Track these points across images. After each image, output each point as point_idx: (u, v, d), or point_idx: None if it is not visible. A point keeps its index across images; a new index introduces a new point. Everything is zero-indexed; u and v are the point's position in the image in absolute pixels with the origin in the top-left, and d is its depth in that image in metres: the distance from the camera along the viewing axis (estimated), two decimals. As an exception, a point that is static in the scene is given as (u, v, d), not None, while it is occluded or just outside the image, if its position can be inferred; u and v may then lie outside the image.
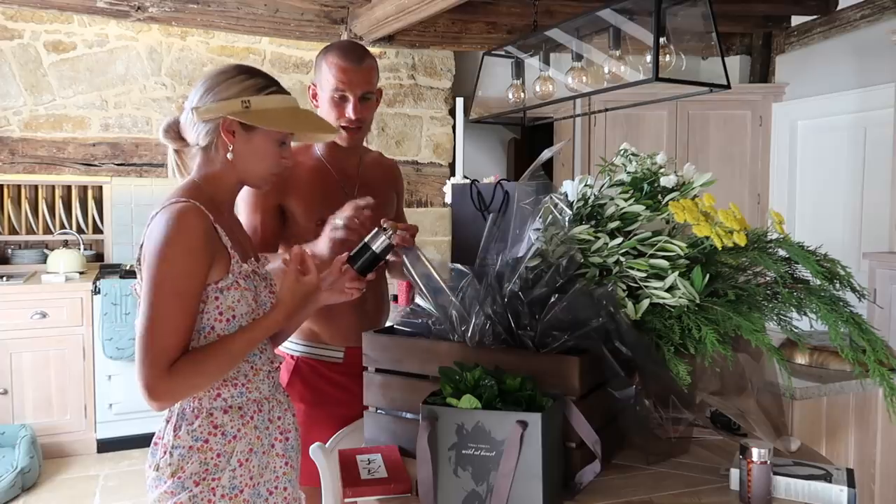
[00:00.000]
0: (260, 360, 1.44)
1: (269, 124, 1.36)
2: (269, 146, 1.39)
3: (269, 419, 1.45)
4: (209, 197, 1.38)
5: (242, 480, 1.38)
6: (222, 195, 1.42)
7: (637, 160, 1.74)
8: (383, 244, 1.52)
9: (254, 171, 1.41)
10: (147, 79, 4.47)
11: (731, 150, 5.05)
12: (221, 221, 1.38)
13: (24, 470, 3.49)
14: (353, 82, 1.83)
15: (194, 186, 1.39)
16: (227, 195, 1.44)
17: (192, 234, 1.29)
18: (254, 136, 1.38)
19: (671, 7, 2.48)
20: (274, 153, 1.40)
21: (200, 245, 1.29)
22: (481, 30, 4.81)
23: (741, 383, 1.57)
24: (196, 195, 1.36)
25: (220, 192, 1.42)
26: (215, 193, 1.40)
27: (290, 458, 1.49)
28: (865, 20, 4.38)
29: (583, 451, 1.36)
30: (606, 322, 1.37)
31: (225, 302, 1.34)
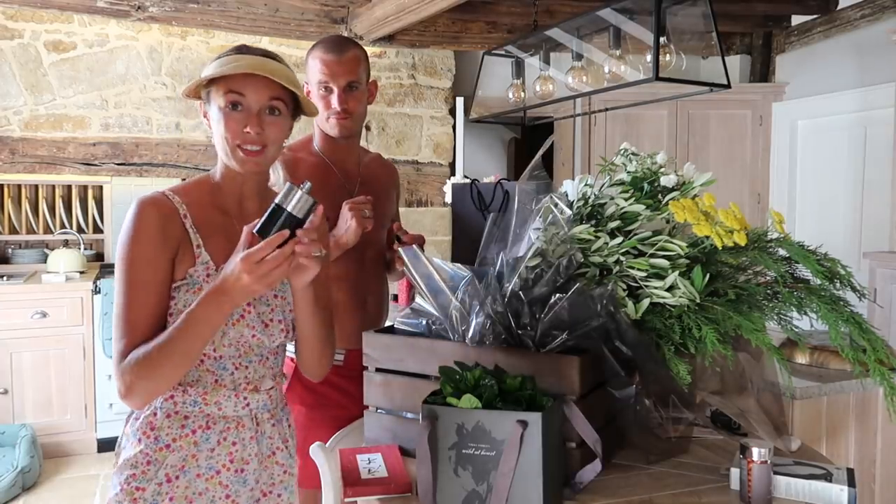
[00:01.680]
0: (230, 376, 1.30)
1: (194, 82, 1.27)
2: (218, 111, 1.26)
3: (219, 441, 1.30)
4: (213, 189, 1.34)
5: (165, 502, 1.25)
6: (227, 185, 1.34)
7: (637, 160, 1.74)
8: (301, 202, 1.17)
9: (219, 145, 1.29)
10: (147, 78, 4.47)
11: (732, 150, 5.05)
12: (205, 216, 1.30)
13: (24, 469, 3.49)
14: (335, 73, 1.85)
15: (200, 178, 1.37)
16: (231, 184, 1.34)
17: (144, 223, 1.23)
18: (211, 103, 1.28)
19: (671, 6, 2.48)
20: (226, 118, 1.25)
21: (153, 234, 1.23)
22: (481, 29, 4.80)
23: (741, 383, 1.57)
24: (189, 187, 1.33)
25: (225, 180, 1.34)
26: (223, 184, 1.34)
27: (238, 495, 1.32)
28: (866, 20, 4.38)
29: (583, 451, 1.36)
30: (607, 321, 1.37)
31: (177, 305, 1.25)
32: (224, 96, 1.25)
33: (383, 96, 4.97)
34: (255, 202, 1.36)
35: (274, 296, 1.34)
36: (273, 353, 1.37)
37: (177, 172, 4.51)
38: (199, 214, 1.29)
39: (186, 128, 4.55)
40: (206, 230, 1.29)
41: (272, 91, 1.27)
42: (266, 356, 1.35)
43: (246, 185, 1.35)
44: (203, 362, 1.29)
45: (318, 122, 1.94)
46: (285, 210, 1.16)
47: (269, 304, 1.33)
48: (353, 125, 1.93)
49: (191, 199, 1.30)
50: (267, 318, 1.32)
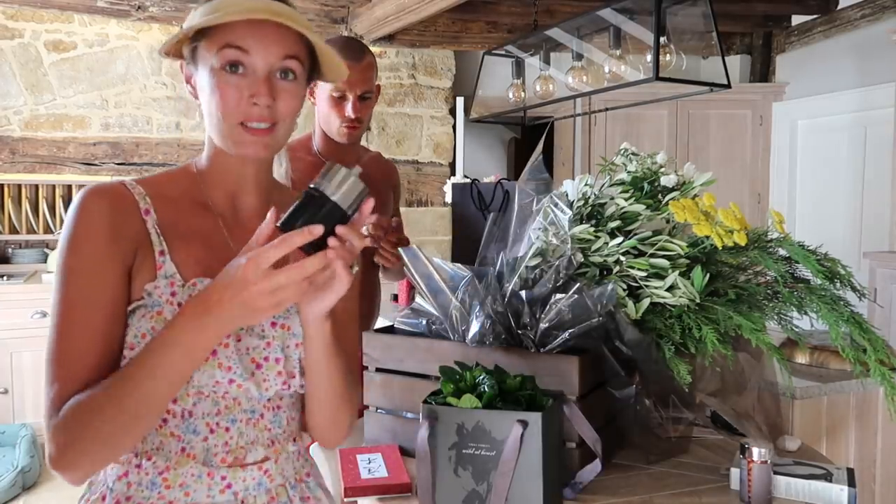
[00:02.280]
0: (202, 443, 0.92)
1: (176, 34, 0.93)
2: (210, 74, 0.92)
3: None
4: (194, 180, 1.00)
5: None
6: (217, 174, 1.00)
7: (637, 159, 1.74)
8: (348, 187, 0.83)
9: (210, 121, 0.95)
10: (147, 78, 4.47)
11: (732, 150, 5.05)
12: (176, 213, 0.96)
13: (24, 469, 3.49)
14: (352, 82, 1.83)
15: (178, 168, 1.04)
16: (222, 173, 1.00)
17: (87, 219, 0.89)
18: (199, 63, 0.94)
19: (671, 6, 2.48)
20: (221, 84, 0.91)
21: (99, 234, 0.89)
22: (481, 29, 4.81)
23: (741, 383, 1.57)
24: (160, 177, 1.01)
25: (214, 168, 1.00)
26: (210, 173, 1.00)
27: None
28: (866, 19, 4.38)
29: (583, 451, 1.36)
30: (607, 321, 1.37)
31: (132, 330, 0.90)
32: (218, 53, 0.89)
33: (383, 96, 4.97)
34: (255, 198, 1.01)
35: (271, 324, 0.96)
36: (271, 409, 0.98)
37: (177, 172, 4.51)
38: (168, 211, 0.95)
39: (186, 127, 4.55)
40: (175, 232, 0.94)
41: (287, 45, 0.91)
42: (257, 413, 0.96)
43: (243, 174, 0.99)
44: (166, 422, 0.91)
45: (321, 123, 1.93)
46: (326, 197, 0.81)
47: (263, 335, 0.95)
48: (362, 132, 1.93)
49: (159, 190, 0.97)
50: (258, 357, 0.94)
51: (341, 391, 0.98)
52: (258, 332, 0.95)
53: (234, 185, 1.00)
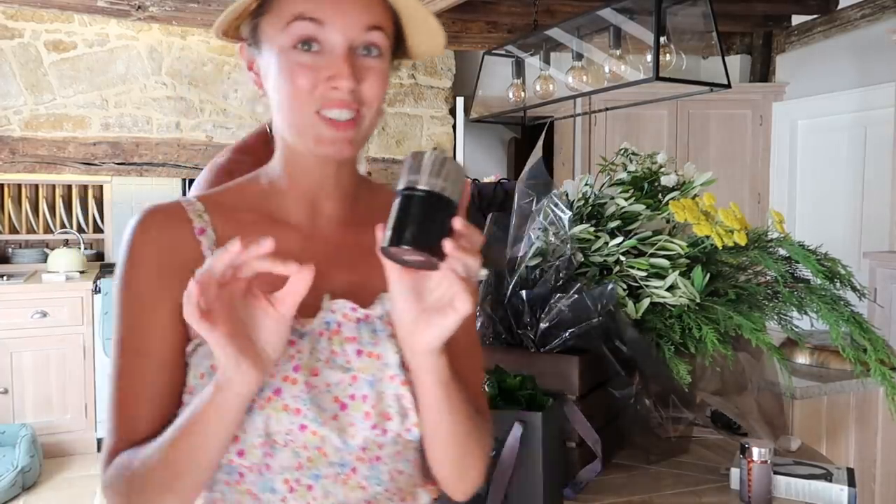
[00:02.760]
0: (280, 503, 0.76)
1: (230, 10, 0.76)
2: (278, 55, 0.75)
3: None
4: (264, 192, 0.84)
5: None
6: (294, 181, 0.82)
7: (637, 159, 1.74)
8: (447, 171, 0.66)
9: (280, 114, 0.77)
10: (147, 78, 4.47)
11: (732, 150, 5.05)
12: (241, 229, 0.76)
13: (24, 469, 3.49)
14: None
15: (248, 177, 0.87)
16: (300, 179, 0.82)
17: (140, 250, 0.77)
18: (263, 44, 0.77)
19: (671, 6, 2.48)
20: (292, 66, 0.74)
21: (150, 266, 0.77)
22: (481, 29, 4.80)
23: (741, 382, 1.57)
24: (228, 190, 0.85)
25: (290, 174, 0.82)
26: (285, 180, 0.83)
27: None
28: (866, 19, 4.37)
29: (583, 451, 1.36)
30: (607, 321, 1.37)
31: (192, 370, 0.77)
32: (287, 29, 0.73)
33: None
34: (338, 204, 0.83)
35: (356, 352, 0.77)
36: (366, 461, 0.77)
37: (177, 172, 4.52)
38: (231, 227, 0.79)
39: (186, 127, 4.55)
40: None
41: (371, 13, 0.75)
42: (348, 467, 0.76)
43: (323, 177, 0.81)
44: (242, 476, 0.76)
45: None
46: (427, 192, 0.64)
47: (348, 367, 0.76)
48: None
49: (220, 204, 0.82)
50: (342, 395, 0.75)
51: (466, 435, 0.78)
52: (341, 364, 0.76)
53: (313, 191, 0.82)
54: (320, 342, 0.77)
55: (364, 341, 0.77)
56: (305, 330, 0.76)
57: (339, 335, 0.77)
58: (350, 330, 0.77)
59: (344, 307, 0.78)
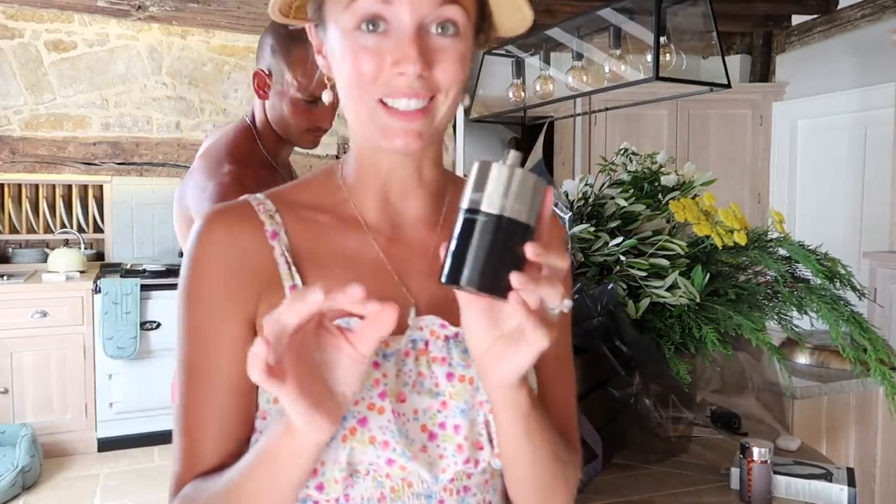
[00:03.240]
0: None
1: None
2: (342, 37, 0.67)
3: None
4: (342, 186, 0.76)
5: None
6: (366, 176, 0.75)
7: (637, 159, 1.74)
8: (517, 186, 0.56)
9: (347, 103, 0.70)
10: (147, 78, 4.47)
11: (732, 150, 5.05)
12: (317, 233, 0.73)
13: (24, 469, 3.49)
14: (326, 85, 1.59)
15: (325, 169, 0.79)
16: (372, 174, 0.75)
17: (205, 260, 0.70)
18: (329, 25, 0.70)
19: (671, 6, 2.48)
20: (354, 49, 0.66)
21: (218, 276, 0.70)
22: (482, 29, 4.80)
23: (742, 382, 1.57)
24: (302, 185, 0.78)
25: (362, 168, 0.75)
26: (358, 175, 0.75)
27: None
28: (866, 19, 4.38)
29: (583, 450, 1.36)
30: (607, 321, 1.37)
31: (264, 394, 0.71)
32: (350, 7, 0.65)
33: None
34: (420, 203, 0.76)
35: (447, 375, 0.70)
36: (454, 493, 0.71)
37: (177, 172, 4.51)
38: (305, 231, 0.73)
39: (186, 127, 4.55)
40: (313, 257, 0.71)
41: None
42: (434, 499, 0.70)
43: (399, 172, 0.73)
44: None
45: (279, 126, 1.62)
46: (491, 217, 0.55)
47: (437, 391, 0.69)
48: None
49: (293, 204, 0.74)
50: (431, 423, 0.69)
51: (550, 472, 0.71)
52: (429, 389, 0.69)
53: (390, 188, 0.74)
54: (406, 363, 0.69)
55: (455, 363, 0.69)
56: (390, 350, 0.68)
57: (427, 355, 0.69)
58: (439, 349, 0.69)
59: (432, 323, 0.70)
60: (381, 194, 0.74)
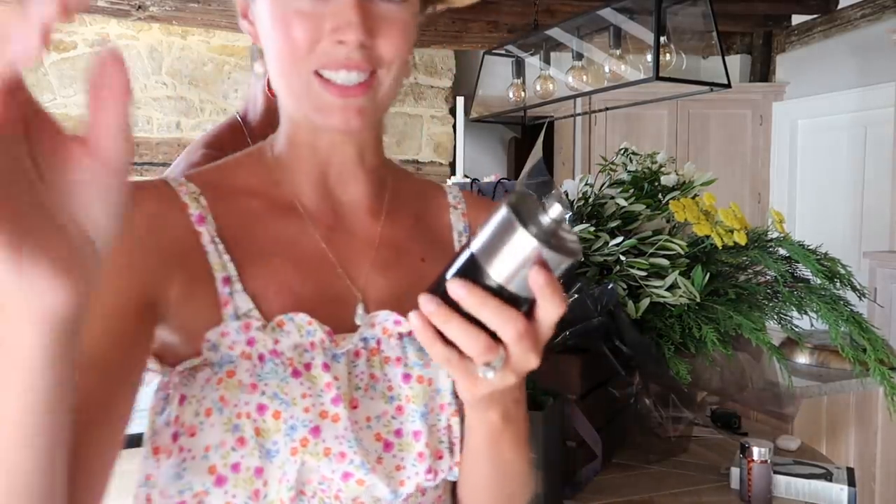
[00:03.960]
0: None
1: None
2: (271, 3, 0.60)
3: None
4: (269, 168, 0.67)
5: None
6: (301, 156, 0.66)
7: (637, 159, 1.74)
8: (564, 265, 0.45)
9: (277, 75, 0.62)
10: (147, 78, 4.47)
11: (732, 150, 5.05)
12: (250, 219, 0.64)
13: (24, 469, 3.49)
14: None
15: (251, 150, 0.70)
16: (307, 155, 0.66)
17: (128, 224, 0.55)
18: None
19: (671, 6, 2.48)
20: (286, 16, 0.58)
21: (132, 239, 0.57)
22: (482, 29, 4.80)
23: (742, 382, 1.57)
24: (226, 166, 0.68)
25: (294, 147, 0.66)
26: (291, 155, 0.67)
27: None
28: (866, 19, 4.38)
29: (583, 450, 1.36)
30: (607, 321, 1.37)
31: (191, 406, 0.58)
32: None
33: (383, 96, 4.97)
34: (361, 187, 0.68)
35: (403, 377, 0.64)
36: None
37: (177, 172, 4.52)
38: (236, 216, 0.63)
39: (187, 127, 4.55)
40: (248, 246, 0.62)
41: None
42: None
43: (338, 155, 0.66)
44: None
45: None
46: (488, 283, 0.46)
47: (392, 395, 0.63)
48: None
49: (224, 187, 0.64)
50: (385, 431, 0.62)
51: (509, 478, 0.67)
52: (383, 392, 0.62)
53: (326, 171, 0.66)
54: (357, 365, 0.61)
55: (411, 362, 0.63)
56: (340, 350, 0.61)
57: (379, 355, 0.62)
58: (392, 349, 0.63)
59: (385, 320, 0.63)
60: (318, 178, 0.66)
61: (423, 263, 0.67)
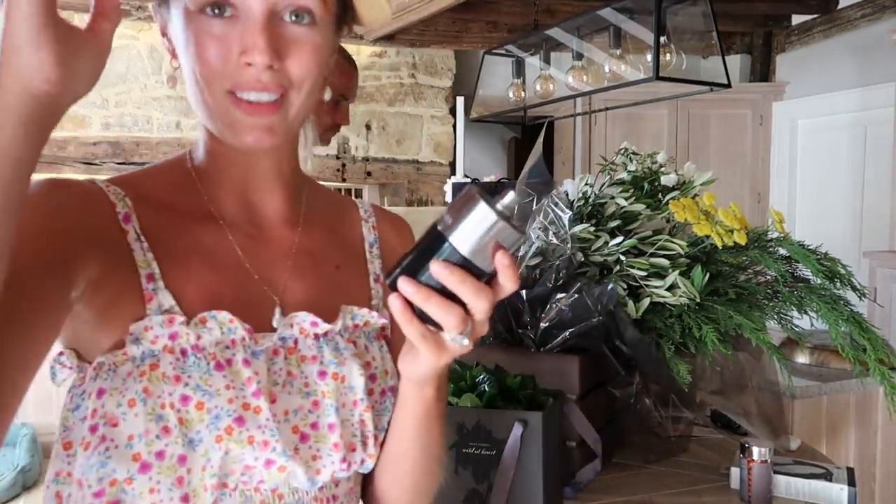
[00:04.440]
0: None
1: None
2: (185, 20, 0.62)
3: None
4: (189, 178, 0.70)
5: None
6: (219, 168, 0.70)
7: (637, 159, 1.74)
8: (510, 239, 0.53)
9: (192, 92, 0.64)
10: (148, 77, 4.47)
11: (732, 150, 5.05)
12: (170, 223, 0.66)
13: (24, 469, 3.49)
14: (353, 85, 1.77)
15: (171, 160, 0.73)
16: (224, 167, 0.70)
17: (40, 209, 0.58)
18: (170, 6, 0.64)
19: (672, 6, 2.48)
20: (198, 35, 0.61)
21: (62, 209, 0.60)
22: (482, 29, 4.81)
23: (742, 382, 1.57)
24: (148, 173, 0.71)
25: (212, 160, 0.70)
26: (209, 167, 0.70)
27: None
28: (866, 19, 4.38)
29: (583, 450, 1.36)
30: (607, 321, 1.37)
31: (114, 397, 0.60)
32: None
33: (384, 95, 4.97)
34: (277, 199, 0.72)
35: (319, 374, 0.67)
36: (324, 501, 0.68)
37: (177, 172, 4.53)
38: (157, 219, 0.66)
39: (187, 127, 4.55)
40: (168, 247, 0.65)
41: None
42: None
43: (254, 168, 0.70)
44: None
45: None
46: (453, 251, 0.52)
47: (308, 391, 0.66)
48: None
49: (142, 191, 0.67)
50: (302, 424, 0.65)
51: (435, 458, 0.73)
52: (300, 388, 0.65)
53: (244, 184, 0.70)
54: (276, 362, 0.65)
55: (326, 360, 0.67)
56: (259, 348, 0.64)
57: (296, 354, 0.67)
58: (308, 348, 0.67)
59: (303, 321, 0.67)
60: (237, 189, 0.70)
61: (338, 271, 0.73)
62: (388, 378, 0.71)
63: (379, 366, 0.71)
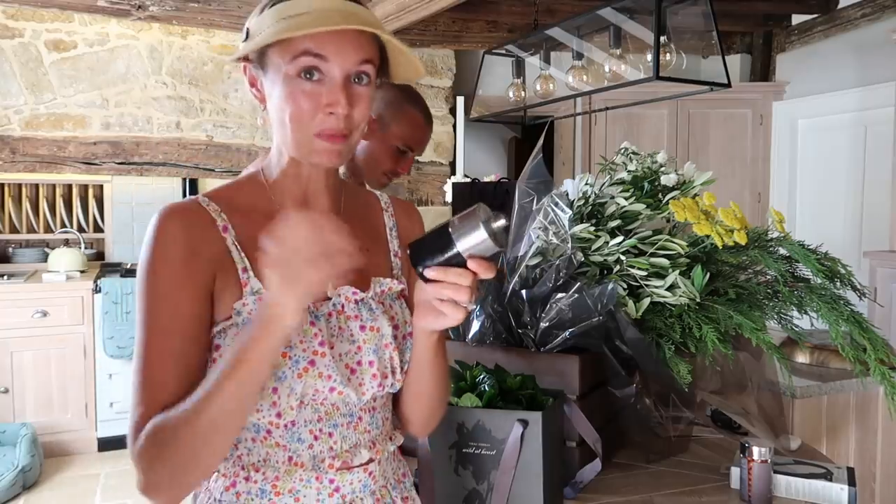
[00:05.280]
0: (308, 451, 0.93)
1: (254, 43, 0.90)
2: (283, 81, 0.88)
3: None
4: (263, 190, 0.97)
5: None
6: (288, 183, 0.97)
7: (637, 159, 1.74)
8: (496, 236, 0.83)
9: (281, 131, 0.91)
10: (148, 77, 4.47)
11: (732, 149, 5.05)
12: (254, 228, 0.88)
13: (25, 469, 3.49)
14: (422, 142, 1.84)
15: (245, 177, 1.02)
16: (293, 182, 0.97)
17: (165, 242, 0.88)
18: (269, 68, 0.90)
19: (672, 6, 2.48)
20: (296, 93, 0.87)
21: (178, 256, 0.88)
22: (482, 28, 4.80)
23: (742, 382, 1.57)
24: (231, 190, 0.98)
25: (285, 178, 0.97)
26: (281, 183, 0.97)
27: None
28: (866, 19, 4.37)
29: (583, 450, 1.36)
30: (607, 321, 1.37)
31: (227, 350, 0.88)
32: (294, 61, 0.86)
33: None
34: (326, 200, 0.99)
35: (360, 327, 0.95)
36: (367, 411, 0.97)
37: (177, 171, 4.52)
38: (244, 225, 0.93)
39: (187, 127, 4.55)
40: (254, 246, 0.84)
41: (364, 49, 0.89)
42: (356, 417, 0.96)
43: (315, 180, 0.97)
44: (270, 433, 0.92)
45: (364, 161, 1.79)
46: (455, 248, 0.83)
47: (354, 339, 0.95)
48: None
49: (231, 204, 0.95)
50: (351, 362, 0.94)
51: (443, 386, 1.03)
52: (348, 338, 0.95)
53: (306, 192, 0.98)
54: (331, 321, 0.94)
55: (364, 318, 0.96)
56: (320, 312, 0.93)
57: (344, 314, 0.95)
58: (352, 310, 0.95)
59: (347, 291, 0.95)
60: (298, 196, 0.98)
61: (368, 252, 0.97)
62: (407, 326, 0.99)
63: (401, 318, 0.99)
